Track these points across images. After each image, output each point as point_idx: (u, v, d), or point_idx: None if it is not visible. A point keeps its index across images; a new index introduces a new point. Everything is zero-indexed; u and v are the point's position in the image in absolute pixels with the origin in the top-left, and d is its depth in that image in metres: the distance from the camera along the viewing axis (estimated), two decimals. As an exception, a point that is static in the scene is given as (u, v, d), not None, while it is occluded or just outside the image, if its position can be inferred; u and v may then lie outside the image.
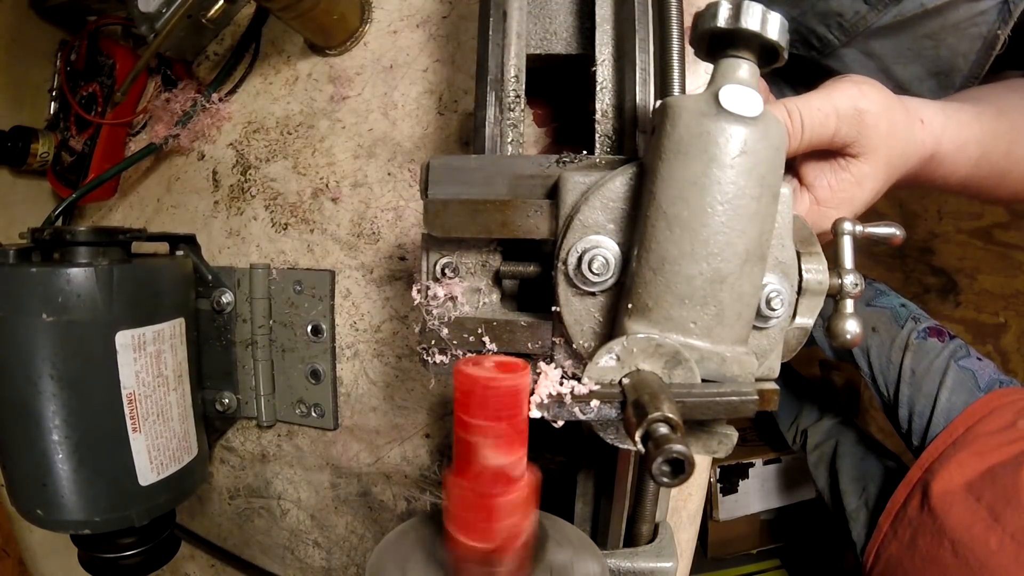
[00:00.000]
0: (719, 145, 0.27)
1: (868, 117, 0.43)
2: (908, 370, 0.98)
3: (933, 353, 0.97)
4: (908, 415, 0.98)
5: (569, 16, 0.46)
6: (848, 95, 0.43)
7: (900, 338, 1.01)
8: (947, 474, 0.86)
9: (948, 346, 0.97)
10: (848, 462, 1.14)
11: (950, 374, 0.94)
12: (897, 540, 0.91)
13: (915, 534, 0.87)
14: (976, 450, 0.85)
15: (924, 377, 0.96)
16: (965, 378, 0.93)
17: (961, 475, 0.84)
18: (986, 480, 0.82)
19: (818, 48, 0.82)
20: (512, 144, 0.41)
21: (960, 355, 0.96)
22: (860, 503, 1.05)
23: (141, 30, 0.60)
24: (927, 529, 0.85)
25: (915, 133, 0.47)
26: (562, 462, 0.50)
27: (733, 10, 0.28)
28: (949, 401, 0.93)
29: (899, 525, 0.91)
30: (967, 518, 0.80)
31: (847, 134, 0.43)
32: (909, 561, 0.87)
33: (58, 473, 0.49)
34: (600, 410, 0.28)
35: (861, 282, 0.36)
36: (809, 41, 0.83)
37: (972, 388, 0.92)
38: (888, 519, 0.93)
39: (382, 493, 0.66)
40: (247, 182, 0.66)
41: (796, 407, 1.34)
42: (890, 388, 1.02)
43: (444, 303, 0.36)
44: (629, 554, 0.43)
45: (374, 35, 0.61)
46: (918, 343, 0.99)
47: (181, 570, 0.75)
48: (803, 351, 0.36)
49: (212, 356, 0.65)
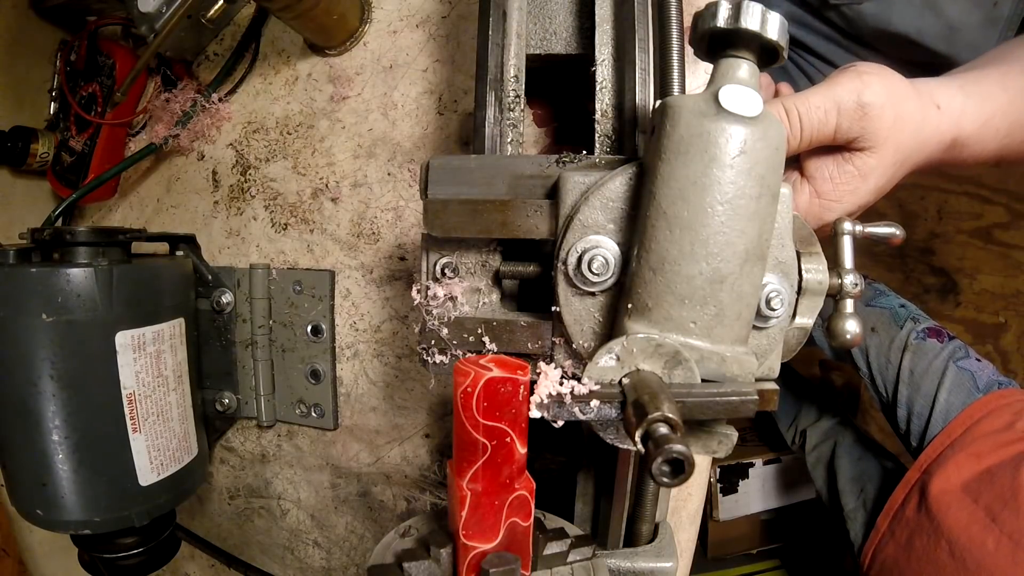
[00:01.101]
0: (719, 145, 0.27)
1: (872, 110, 0.41)
2: (907, 371, 0.98)
3: (932, 354, 0.97)
4: (907, 416, 0.98)
5: (569, 16, 0.46)
6: (850, 88, 0.42)
7: (899, 339, 1.01)
8: (944, 475, 0.86)
9: (947, 347, 0.97)
10: (846, 462, 1.14)
11: (949, 375, 0.94)
12: (894, 541, 0.91)
13: (912, 535, 0.87)
14: (974, 451, 0.85)
15: (923, 378, 0.96)
16: (964, 379, 0.93)
17: (959, 476, 0.84)
18: (984, 481, 0.82)
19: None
20: (512, 144, 0.41)
21: (959, 356, 0.96)
22: (858, 503, 1.05)
23: (141, 30, 0.60)
24: (924, 530, 0.85)
25: (930, 120, 0.44)
26: (562, 462, 0.50)
27: (733, 10, 0.28)
28: (947, 402, 0.93)
29: (896, 526, 0.91)
30: (964, 519, 0.80)
31: (849, 129, 0.42)
32: (905, 562, 0.87)
33: (58, 473, 0.49)
34: (600, 410, 0.28)
35: (861, 282, 0.36)
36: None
37: (971, 389, 0.92)
38: (886, 519, 0.93)
39: (382, 493, 0.66)
40: (247, 182, 0.66)
41: (795, 407, 1.34)
42: (889, 388, 1.02)
43: (444, 303, 0.36)
44: (629, 554, 0.43)
45: (374, 35, 0.61)
46: (917, 344, 0.99)
47: (181, 570, 0.75)
48: (803, 351, 0.36)
49: (212, 356, 0.65)
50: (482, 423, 0.28)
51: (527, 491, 0.30)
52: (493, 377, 0.27)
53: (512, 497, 0.30)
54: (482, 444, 0.28)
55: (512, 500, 0.30)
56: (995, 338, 1.78)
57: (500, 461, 0.29)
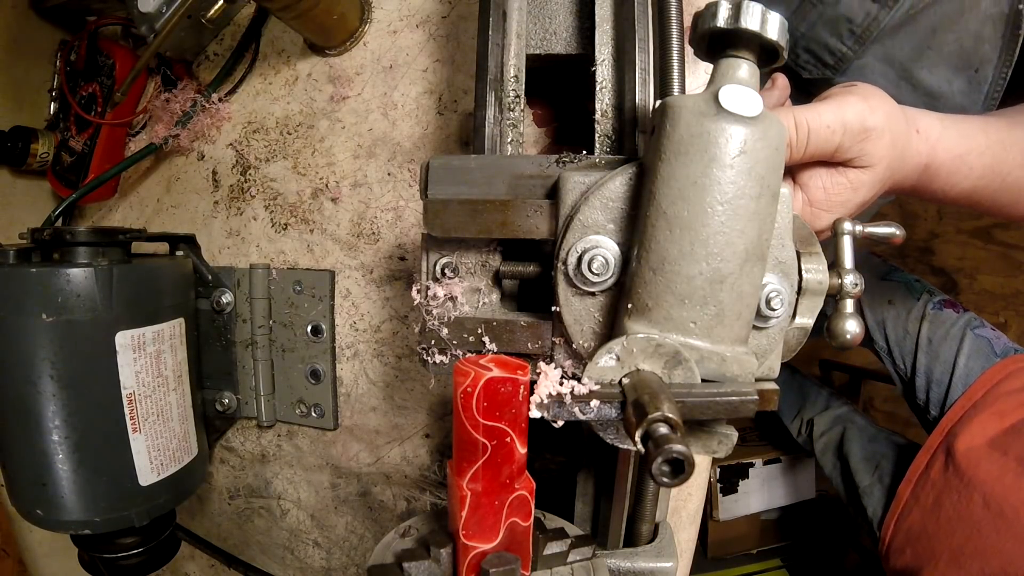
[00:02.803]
0: (719, 145, 0.27)
1: (874, 133, 0.43)
2: (925, 339, 0.99)
3: (949, 322, 0.98)
4: (926, 384, 0.99)
5: (569, 16, 0.46)
6: (858, 111, 0.43)
7: (916, 309, 1.02)
8: (970, 434, 0.86)
9: (963, 316, 0.98)
10: (857, 445, 1.14)
11: (967, 341, 0.95)
12: (919, 506, 0.90)
13: (939, 495, 0.87)
14: (997, 410, 0.86)
15: (941, 345, 0.97)
16: (981, 345, 0.94)
17: (983, 434, 0.85)
18: (1010, 435, 0.82)
19: (832, 65, 0.80)
20: (512, 144, 0.41)
21: (975, 324, 0.97)
22: (874, 479, 1.05)
23: (141, 30, 0.60)
24: (953, 488, 0.85)
25: (911, 142, 0.46)
26: (562, 462, 0.50)
27: (733, 10, 0.28)
28: (967, 367, 0.94)
29: (921, 490, 0.91)
30: (996, 471, 0.80)
31: (849, 149, 0.43)
32: (934, 525, 0.86)
33: (58, 473, 0.49)
34: (600, 410, 0.28)
35: (861, 282, 0.36)
36: (822, 58, 0.80)
37: (989, 354, 0.93)
38: (909, 486, 0.93)
39: (382, 493, 0.66)
40: (247, 182, 0.66)
41: (799, 399, 1.35)
42: (907, 360, 1.02)
43: (444, 303, 0.36)
44: (629, 554, 0.43)
45: (374, 35, 0.61)
46: (934, 313, 1.00)
47: (181, 570, 0.75)
48: (804, 349, 0.36)
49: (212, 356, 0.65)
50: (482, 423, 0.28)
51: (527, 491, 0.30)
52: (493, 377, 0.27)
53: (512, 497, 0.30)
54: (482, 444, 0.28)
55: (512, 500, 0.30)
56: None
57: (500, 461, 0.29)
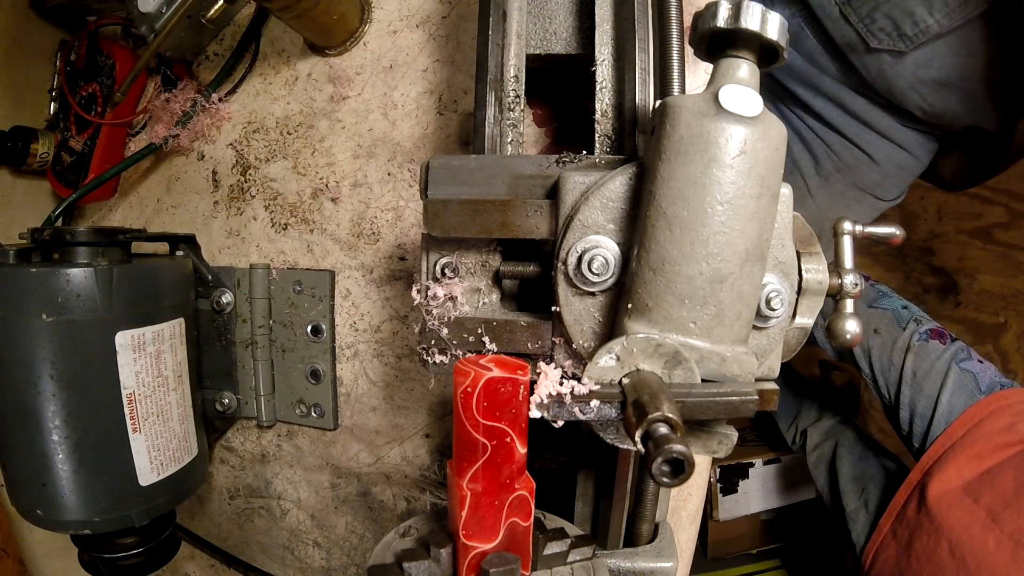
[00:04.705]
0: (719, 145, 0.27)
1: None
2: (910, 372, 0.98)
3: (935, 355, 0.97)
4: (909, 417, 0.98)
5: (569, 16, 0.46)
6: None
7: (902, 340, 1.01)
8: (944, 476, 0.86)
9: (949, 348, 0.97)
10: (847, 462, 1.14)
11: (951, 376, 0.94)
12: (896, 541, 0.91)
13: (912, 535, 0.87)
14: (975, 452, 0.85)
15: (925, 379, 0.96)
16: (966, 380, 0.93)
17: (959, 477, 0.84)
18: (985, 481, 0.82)
19: (911, 36, 0.76)
20: (512, 144, 0.41)
21: (961, 357, 0.96)
22: (860, 504, 1.05)
23: (141, 30, 0.60)
24: (924, 530, 0.85)
25: None
26: (562, 462, 0.50)
27: (733, 10, 0.28)
28: (950, 403, 0.93)
29: (898, 527, 0.92)
30: (965, 518, 0.80)
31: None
32: (905, 562, 0.87)
33: (58, 473, 0.49)
34: (600, 410, 0.28)
35: (861, 282, 0.36)
36: (902, 27, 0.76)
37: (973, 390, 0.92)
38: (889, 520, 0.93)
39: (382, 493, 0.66)
40: (247, 182, 0.66)
41: (795, 407, 1.34)
42: (891, 390, 1.02)
43: (444, 303, 0.36)
44: (629, 554, 0.43)
45: (374, 35, 0.61)
46: (919, 345, 0.99)
47: (181, 570, 0.75)
48: (803, 351, 0.36)
49: (212, 356, 0.65)
50: (482, 423, 0.28)
51: (527, 491, 0.30)
52: (493, 377, 0.27)
53: (512, 497, 0.30)
54: (482, 444, 0.28)
55: (512, 500, 0.30)
56: (995, 338, 1.78)
57: (500, 461, 0.29)
